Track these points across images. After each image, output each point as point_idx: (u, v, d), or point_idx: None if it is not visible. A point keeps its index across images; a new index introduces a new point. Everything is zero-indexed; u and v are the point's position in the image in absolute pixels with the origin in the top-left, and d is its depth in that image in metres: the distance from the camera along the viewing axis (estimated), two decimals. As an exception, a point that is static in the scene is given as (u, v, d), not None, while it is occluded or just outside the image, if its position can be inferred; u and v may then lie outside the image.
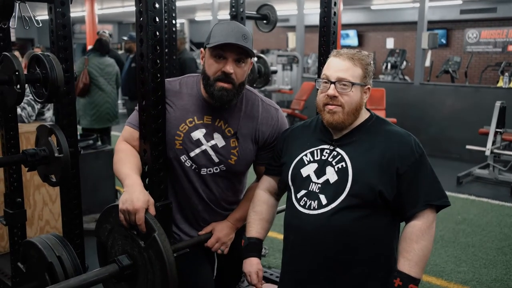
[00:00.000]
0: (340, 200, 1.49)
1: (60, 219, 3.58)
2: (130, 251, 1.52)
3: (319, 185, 1.53)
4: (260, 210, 1.74)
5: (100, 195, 4.23)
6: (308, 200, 1.54)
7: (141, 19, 1.55)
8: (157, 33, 1.56)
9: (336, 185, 1.51)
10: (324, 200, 1.51)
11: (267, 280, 2.87)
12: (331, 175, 1.53)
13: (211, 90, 1.64)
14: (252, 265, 1.67)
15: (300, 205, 1.55)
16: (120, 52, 11.66)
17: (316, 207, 1.51)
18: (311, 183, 1.55)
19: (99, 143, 4.53)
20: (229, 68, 1.61)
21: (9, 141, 2.39)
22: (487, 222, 4.33)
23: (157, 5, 1.55)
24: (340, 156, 1.55)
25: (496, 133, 5.63)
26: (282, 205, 1.92)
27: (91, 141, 4.22)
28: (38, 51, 10.41)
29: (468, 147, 5.87)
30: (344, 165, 1.52)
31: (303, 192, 1.56)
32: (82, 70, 5.40)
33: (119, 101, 10.83)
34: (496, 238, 3.95)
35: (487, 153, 5.54)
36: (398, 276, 1.45)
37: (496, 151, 5.58)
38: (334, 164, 1.54)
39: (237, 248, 1.85)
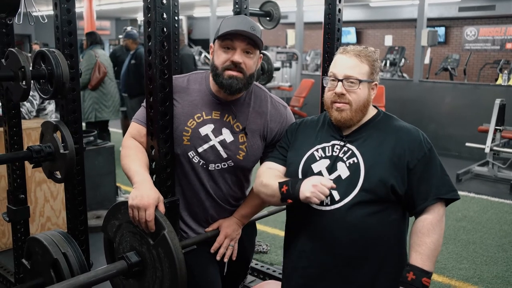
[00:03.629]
0: (353, 196, 1.49)
1: (61, 216, 3.61)
2: (139, 248, 1.52)
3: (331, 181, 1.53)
4: (278, 174, 1.63)
5: (100, 192, 4.23)
6: None
7: (149, 15, 1.54)
8: (165, 30, 1.55)
9: (348, 181, 1.51)
10: (336, 196, 1.51)
11: (270, 276, 2.88)
12: (342, 170, 1.53)
13: (220, 80, 1.63)
14: (313, 177, 1.48)
15: None
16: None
17: (328, 203, 1.51)
18: None
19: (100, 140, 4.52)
20: (238, 57, 1.60)
21: (13, 137, 2.39)
22: (487, 219, 4.35)
23: (164, 1, 1.54)
24: (351, 152, 1.55)
25: (495, 130, 5.65)
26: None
27: (92, 138, 4.20)
28: (36, 47, 10.38)
29: (467, 144, 5.88)
30: (356, 160, 1.53)
31: None
32: (94, 62, 5.45)
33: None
34: (496, 235, 3.96)
35: (487, 150, 5.55)
36: (411, 269, 1.46)
37: (495, 148, 5.60)
38: (345, 159, 1.54)
39: (242, 246, 1.86)
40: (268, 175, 1.64)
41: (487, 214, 4.48)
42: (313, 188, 1.42)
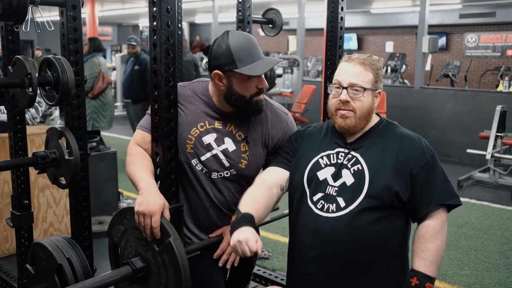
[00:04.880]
0: (358, 202, 1.51)
1: (64, 221, 3.62)
2: (144, 254, 1.53)
3: (336, 188, 1.55)
4: (262, 194, 1.62)
5: (103, 198, 4.24)
6: (325, 203, 1.55)
7: (155, 23, 1.56)
8: (170, 38, 1.57)
9: (353, 188, 1.53)
10: (342, 203, 1.53)
11: (272, 282, 2.88)
12: (347, 177, 1.55)
13: (249, 106, 1.68)
14: (248, 231, 1.45)
15: (317, 208, 1.56)
16: (120, 54, 11.68)
17: (334, 210, 1.53)
18: (328, 186, 1.56)
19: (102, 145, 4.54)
20: (265, 83, 1.68)
21: (17, 143, 2.40)
22: (489, 225, 4.35)
23: (170, 10, 1.56)
24: (355, 159, 1.57)
25: (496, 137, 5.66)
26: (286, 210, 1.92)
27: (94, 143, 4.22)
28: (38, 53, 10.41)
29: (468, 151, 5.89)
30: (360, 168, 1.55)
31: (319, 195, 1.57)
32: (98, 71, 5.41)
33: (118, 103, 10.89)
34: (497, 241, 3.97)
35: (488, 157, 5.56)
36: (414, 275, 1.47)
37: (496, 155, 5.61)
38: (349, 166, 1.57)
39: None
40: (255, 188, 1.64)
41: (488, 221, 4.49)
42: (237, 243, 1.43)
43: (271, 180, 1.67)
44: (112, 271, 1.52)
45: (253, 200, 1.59)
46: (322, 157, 1.62)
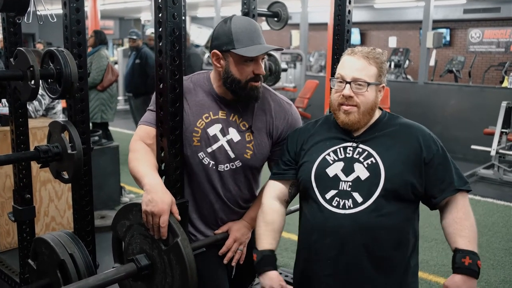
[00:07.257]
0: (376, 196, 1.47)
1: (66, 216, 3.60)
2: (149, 251, 1.50)
3: (350, 183, 1.51)
4: (272, 220, 1.63)
5: (105, 192, 4.22)
6: (341, 200, 1.50)
7: (160, 15, 1.52)
8: (176, 30, 1.54)
9: (369, 181, 1.49)
10: (359, 198, 1.48)
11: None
12: (361, 171, 1.51)
13: (245, 92, 1.64)
14: (272, 279, 1.54)
15: (332, 205, 1.50)
16: (122, 48, 11.65)
17: (351, 206, 1.48)
18: (341, 182, 1.51)
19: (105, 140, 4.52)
20: (262, 70, 1.63)
21: (19, 137, 2.38)
22: (493, 222, 4.32)
23: (175, 1, 1.52)
24: (366, 152, 1.53)
25: (501, 133, 5.63)
26: (295, 205, 1.89)
27: (96, 138, 4.20)
28: (40, 46, 10.37)
29: (473, 147, 5.86)
30: (374, 161, 1.51)
31: (332, 192, 1.52)
32: (106, 64, 5.47)
33: (120, 97, 10.86)
34: (503, 238, 3.94)
35: (493, 153, 5.54)
36: (466, 254, 1.45)
37: (501, 151, 5.58)
38: (362, 160, 1.53)
39: (251, 249, 1.84)
40: (267, 217, 1.64)
41: (493, 218, 4.46)
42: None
43: (276, 199, 1.68)
44: (116, 268, 1.49)
45: (269, 231, 1.63)
46: (328, 154, 1.57)
